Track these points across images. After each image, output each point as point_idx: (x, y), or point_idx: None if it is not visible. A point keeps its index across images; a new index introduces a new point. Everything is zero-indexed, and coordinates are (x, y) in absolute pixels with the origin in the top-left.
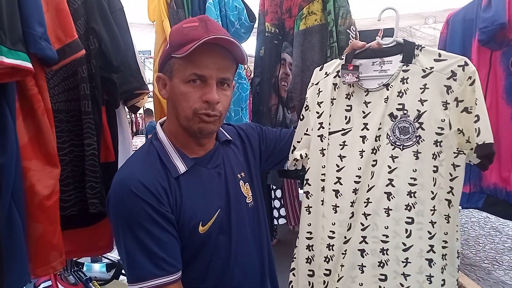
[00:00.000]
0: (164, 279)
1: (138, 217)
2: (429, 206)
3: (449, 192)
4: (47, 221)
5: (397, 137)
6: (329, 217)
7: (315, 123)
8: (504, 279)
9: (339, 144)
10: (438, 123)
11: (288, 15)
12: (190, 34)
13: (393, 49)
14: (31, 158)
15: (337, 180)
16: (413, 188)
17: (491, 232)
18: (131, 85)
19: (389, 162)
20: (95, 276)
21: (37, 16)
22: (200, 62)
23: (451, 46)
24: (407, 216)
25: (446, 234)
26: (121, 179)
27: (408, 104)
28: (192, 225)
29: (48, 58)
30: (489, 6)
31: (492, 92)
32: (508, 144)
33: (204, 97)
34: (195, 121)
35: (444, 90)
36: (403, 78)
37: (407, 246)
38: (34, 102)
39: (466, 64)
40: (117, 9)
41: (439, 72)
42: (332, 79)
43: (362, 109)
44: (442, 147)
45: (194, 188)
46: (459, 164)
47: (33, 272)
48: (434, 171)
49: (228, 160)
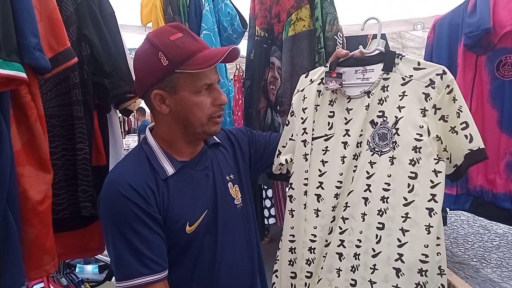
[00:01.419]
0: (150, 278)
1: (126, 217)
2: (400, 212)
3: (431, 200)
4: (40, 225)
5: (376, 143)
6: (311, 221)
7: (300, 128)
8: (492, 277)
9: (322, 150)
10: (417, 129)
11: (277, 20)
12: (186, 47)
13: (375, 57)
14: (24, 164)
15: (319, 184)
16: (386, 194)
17: (480, 230)
18: (122, 89)
19: (368, 167)
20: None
21: (31, 27)
22: (208, 72)
23: (437, 51)
24: (378, 221)
25: (427, 247)
26: (110, 180)
27: (387, 111)
28: (179, 225)
29: (41, 68)
30: (474, 11)
31: (477, 96)
32: (493, 147)
33: (217, 101)
34: (209, 125)
35: (422, 97)
36: (383, 86)
37: (376, 252)
38: (28, 109)
39: (444, 73)
40: (108, 14)
41: (418, 80)
42: (316, 86)
43: (344, 115)
44: (421, 153)
45: (182, 189)
46: (440, 170)
47: (27, 275)
48: (411, 177)
49: (217, 162)
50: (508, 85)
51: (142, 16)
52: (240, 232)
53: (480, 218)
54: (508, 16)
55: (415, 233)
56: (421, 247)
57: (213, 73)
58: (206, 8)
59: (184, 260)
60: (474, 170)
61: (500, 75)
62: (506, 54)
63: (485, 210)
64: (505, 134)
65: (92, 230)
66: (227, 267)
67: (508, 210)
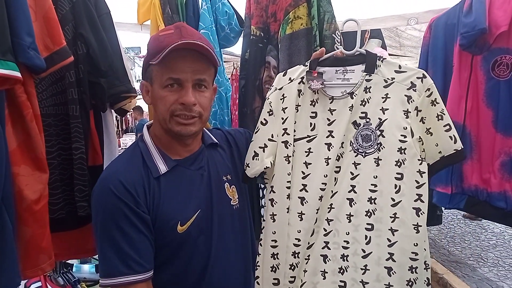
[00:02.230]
0: (131, 278)
1: (114, 216)
2: (389, 213)
3: (417, 200)
4: (35, 224)
5: (359, 145)
6: (294, 225)
7: (280, 129)
8: (489, 276)
9: (305, 151)
10: (401, 130)
11: (273, 19)
12: (164, 41)
13: (356, 58)
14: (20, 164)
15: (302, 187)
16: (373, 195)
17: (477, 229)
18: (117, 89)
19: (352, 168)
20: (85, 277)
21: (26, 26)
22: (175, 66)
23: (433, 50)
24: (367, 222)
25: (416, 246)
26: (103, 177)
27: (370, 113)
28: (170, 224)
29: (36, 67)
30: (470, 11)
31: (473, 96)
32: (488, 147)
33: (180, 100)
34: (173, 123)
35: (405, 99)
36: (366, 87)
37: (366, 253)
38: (23, 108)
39: (424, 77)
40: (104, 13)
41: (400, 83)
42: (296, 85)
43: (327, 116)
44: (406, 155)
45: (174, 188)
46: (424, 170)
47: (23, 273)
48: (397, 178)
49: (214, 162)
50: (503, 85)
51: (139, 14)
52: (235, 233)
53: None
54: (503, 17)
55: (404, 233)
56: (410, 246)
57: (184, 69)
58: (203, 7)
59: (176, 261)
60: (469, 169)
61: (495, 75)
62: (502, 54)
63: (479, 209)
64: (500, 134)
65: (89, 230)
66: (220, 269)
67: (503, 209)
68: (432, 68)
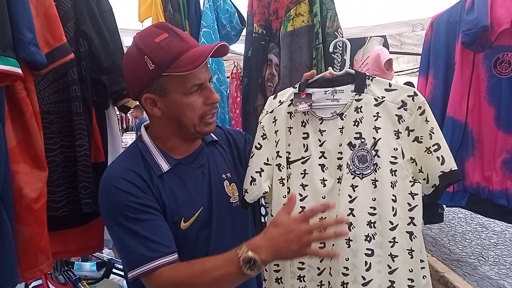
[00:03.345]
0: (160, 261)
1: (123, 209)
2: (388, 237)
3: (410, 223)
4: (34, 224)
5: (356, 166)
6: None
7: (274, 152)
8: (490, 274)
9: (300, 173)
10: (392, 152)
11: (275, 16)
12: (171, 48)
13: (345, 78)
14: (19, 161)
15: (301, 210)
16: (373, 218)
17: (478, 228)
18: (120, 86)
19: (350, 191)
20: (86, 275)
21: (27, 21)
22: (197, 72)
23: (435, 48)
24: (366, 247)
25: (411, 272)
26: (105, 178)
27: (365, 133)
28: (174, 220)
29: (37, 63)
30: (472, 9)
31: (475, 94)
32: (490, 145)
33: (209, 100)
34: (202, 126)
35: (395, 119)
36: (357, 107)
37: (367, 280)
38: (23, 105)
39: (416, 94)
40: (106, 10)
41: (390, 102)
42: (286, 108)
43: (318, 137)
44: (397, 177)
45: (177, 186)
46: (416, 192)
47: (22, 275)
48: (393, 200)
49: (214, 160)
50: (505, 82)
51: (140, 12)
52: (235, 229)
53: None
54: (505, 14)
55: (403, 259)
56: (406, 272)
57: (202, 72)
58: (205, 6)
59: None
60: (470, 167)
61: (497, 72)
62: (504, 52)
63: (481, 207)
64: (502, 132)
65: (92, 227)
66: None
67: (504, 207)
68: (433, 66)
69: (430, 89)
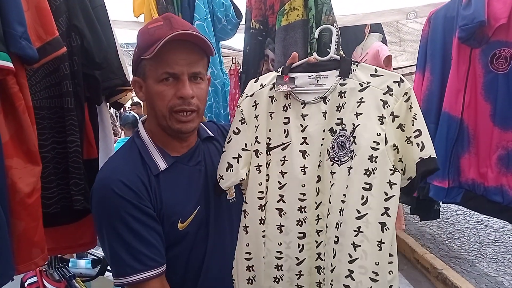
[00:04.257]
0: (146, 274)
1: (119, 215)
2: (353, 226)
3: (384, 213)
4: (28, 218)
5: (335, 153)
6: (274, 238)
7: (253, 137)
8: (488, 271)
9: (280, 160)
10: (374, 137)
11: (271, 11)
12: (155, 34)
13: (330, 64)
14: (12, 156)
15: (279, 198)
16: (343, 206)
17: (476, 225)
18: (112, 82)
19: (330, 178)
20: (81, 272)
21: (17, 15)
22: (170, 60)
23: (432, 43)
24: (335, 235)
25: (378, 264)
26: (102, 177)
27: (345, 119)
28: (171, 221)
29: (28, 57)
30: (469, 4)
31: (471, 89)
32: (486, 141)
33: (178, 93)
34: (173, 121)
35: (380, 104)
36: (340, 91)
37: (332, 267)
38: (15, 100)
39: (402, 81)
40: (98, 5)
41: (376, 87)
42: (268, 92)
43: (299, 122)
44: (377, 163)
45: (174, 185)
46: (395, 182)
47: (16, 268)
48: (365, 188)
49: (210, 156)
50: (502, 78)
51: (134, 7)
52: (232, 226)
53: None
54: (502, 9)
55: (366, 249)
56: (372, 265)
57: (180, 62)
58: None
59: (176, 257)
60: (466, 163)
61: (494, 68)
62: (500, 47)
63: (476, 204)
64: (498, 128)
65: (84, 224)
66: (218, 260)
67: (499, 204)
68: (430, 61)
69: (426, 84)
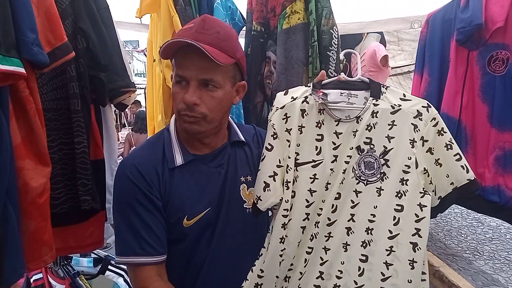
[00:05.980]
0: (142, 259)
1: (129, 199)
2: (385, 245)
3: (415, 234)
4: (39, 217)
5: (362, 172)
6: (291, 254)
7: (285, 152)
8: (485, 269)
9: (309, 177)
10: (405, 160)
11: (272, 14)
12: (177, 35)
13: (359, 84)
14: (24, 158)
15: (305, 216)
16: (371, 225)
17: (473, 223)
18: (116, 84)
19: (353, 196)
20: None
21: (29, 23)
22: (183, 63)
23: (430, 45)
24: (361, 253)
25: (410, 282)
26: (125, 160)
27: (375, 139)
28: (177, 217)
29: (40, 63)
30: (467, 6)
31: (469, 91)
32: (483, 141)
33: (183, 98)
34: (181, 121)
35: (412, 128)
36: (373, 112)
37: (358, 285)
38: (26, 103)
39: (429, 106)
40: (103, 7)
41: (407, 110)
42: (300, 104)
43: (332, 139)
44: (408, 186)
45: (187, 182)
46: (425, 204)
47: (27, 266)
48: (397, 209)
49: (235, 161)
50: (499, 80)
51: (141, 7)
52: (245, 237)
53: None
54: (499, 12)
55: (398, 268)
56: (404, 283)
57: (190, 67)
58: (217, 1)
59: (177, 252)
60: None
61: (491, 70)
62: (497, 50)
63: (473, 203)
64: (495, 129)
65: (92, 224)
66: (219, 268)
67: (496, 203)
68: (429, 63)
69: (424, 86)
